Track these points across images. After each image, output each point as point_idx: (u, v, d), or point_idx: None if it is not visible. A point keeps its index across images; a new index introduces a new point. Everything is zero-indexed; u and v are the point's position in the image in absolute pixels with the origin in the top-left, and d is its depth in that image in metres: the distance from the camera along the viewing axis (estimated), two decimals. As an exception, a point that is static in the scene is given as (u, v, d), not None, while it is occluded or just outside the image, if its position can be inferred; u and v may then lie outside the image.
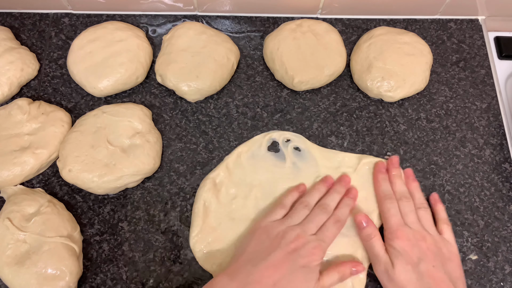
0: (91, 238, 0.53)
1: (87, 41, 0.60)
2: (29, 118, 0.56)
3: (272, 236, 0.47)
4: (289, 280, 0.44)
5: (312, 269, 0.45)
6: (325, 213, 0.50)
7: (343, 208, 0.52)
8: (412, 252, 0.47)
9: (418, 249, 0.47)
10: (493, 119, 0.62)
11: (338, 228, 0.50)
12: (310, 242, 0.46)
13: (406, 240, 0.48)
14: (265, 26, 0.67)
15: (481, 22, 0.69)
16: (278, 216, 0.50)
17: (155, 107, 0.60)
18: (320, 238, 0.47)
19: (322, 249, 0.47)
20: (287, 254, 0.45)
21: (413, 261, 0.47)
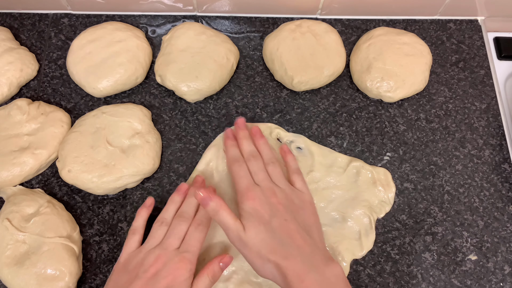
0: (90, 239, 0.53)
1: (87, 42, 0.60)
2: (29, 118, 0.56)
3: (129, 269, 0.44)
4: None
5: (178, 286, 0.42)
6: (184, 221, 0.47)
7: (202, 211, 0.49)
8: (263, 210, 0.45)
9: (269, 206, 0.46)
10: (493, 120, 0.62)
11: (202, 231, 0.47)
12: (171, 259, 0.43)
13: (257, 199, 0.46)
14: (265, 27, 0.67)
15: (480, 22, 0.69)
16: (133, 244, 0.47)
17: (154, 107, 0.60)
18: (183, 250, 0.45)
19: (188, 261, 0.44)
20: (147, 281, 0.42)
21: (265, 219, 0.45)
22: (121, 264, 0.46)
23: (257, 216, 0.45)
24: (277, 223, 0.45)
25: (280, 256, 0.42)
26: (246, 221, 0.45)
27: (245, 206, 0.46)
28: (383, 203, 0.55)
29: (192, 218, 0.48)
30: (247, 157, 0.51)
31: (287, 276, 0.41)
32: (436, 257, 0.53)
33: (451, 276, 0.52)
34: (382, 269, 0.52)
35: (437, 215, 0.55)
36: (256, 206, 0.46)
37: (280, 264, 0.42)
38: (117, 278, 0.45)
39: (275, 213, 0.45)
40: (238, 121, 0.55)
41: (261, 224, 0.45)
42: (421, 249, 0.53)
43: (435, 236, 0.54)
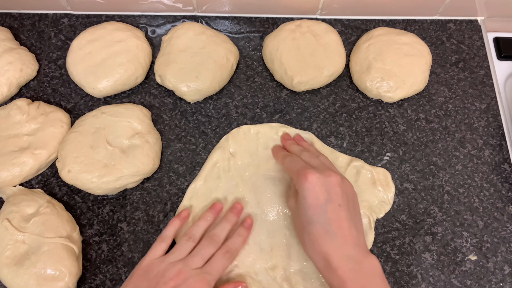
0: (90, 239, 0.53)
1: (87, 42, 0.60)
2: (28, 118, 0.56)
3: (150, 277, 0.44)
4: None
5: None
6: (213, 244, 0.47)
7: (235, 238, 0.49)
8: (320, 191, 0.45)
9: (326, 187, 0.46)
10: (492, 120, 0.62)
11: (228, 259, 0.47)
12: (192, 276, 0.43)
13: (315, 177, 0.46)
14: (265, 27, 0.67)
15: (480, 22, 0.69)
16: (158, 252, 0.47)
17: (154, 107, 0.60)
18: (205, 271, 0.45)
19: (207, 282, 0.44)
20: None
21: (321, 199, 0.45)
22: (143, 269, 0.46)
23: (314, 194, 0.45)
24: (330, 208, 0.45)
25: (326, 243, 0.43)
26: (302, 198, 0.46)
27: (303, 184, 0.46)
28: (382, 203, 0.55)
29: (221, 243, 0.48)
30: (297, 152, 0.52)
31: (331, 263, 0.42)
32: (436, 257, 0.53)
33: (451, 276, 0.52)
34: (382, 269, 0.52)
35: (437, 215, 0.55)
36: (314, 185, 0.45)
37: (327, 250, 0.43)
38: (137, 283, 0.44)
39: (331, 195, 0.45)
40: (285, 136, 0.57)
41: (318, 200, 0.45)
42: (421, 249, 0.53)
43: (435, 236, 0.54)
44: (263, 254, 0.51)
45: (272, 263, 0.51)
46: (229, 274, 0.50)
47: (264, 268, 0.51)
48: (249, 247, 0.51)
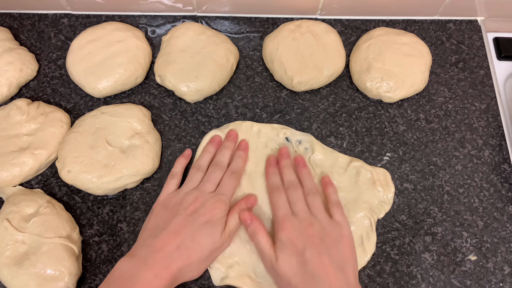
0: (90, 239, 0.53)
1: (86, 42, 0.60)
2: (28, 118, 0.56)
3: (170, 207, 0.48)
4: (192, 239, 0.45)
5: (215, 222, 0.47)
6: (219, 169, 0.52)
7: (236, 160, 0.54)
8: (297, 241, 0.46)
9: (304, 237, 0.46)
10: (492, 120, 0.62)
11: (236, 179, 0.52)
12: (208, 200, 0.48)
13: (292, 230, 0.46)
14: (264, 27, 0.67)
15: (480, 23, 0.69)
16: (171, 187, 0.52)
17: (154, 107, 0.60)
18: (219, 193, 0.49)
19: (223, 202, 0.48)
20: (187, 217, 0.46)
21: (299, 251, 0.45)
22: (160, 203, 0.50)
23: (291, 247, 0.45)
24: (309, 255, 0.44)
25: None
26: (279, 251, 0.46)
27: (280, 235, 0.47)
28: (382, 204, 0.55)
29: (226, 167, 0.53)
30: (287, 186, 0.52)
31: None
32: (435, 258, 0.53)
33: (450, 276, 0.52)
34: (382, 270, 0.52)
35: (436, 215, 0.55)
36: (291, 237, 0.46)
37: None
38: (158, 215, 0.49)
39: (309, 245, 0.45)
40: (282, 150, 0.56)
41: (293, 256, 0.45)
42: (420, 250, 0.53)
43: (434, 236, 0.54)
44: None
45: None
46: (229, 271, 0.50)
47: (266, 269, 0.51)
48: (250, 246, 0.51)
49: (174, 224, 0.46)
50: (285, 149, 0.56)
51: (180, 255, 0.44)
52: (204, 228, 0.46)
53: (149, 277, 0.42)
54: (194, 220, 0.46)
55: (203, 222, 0.46)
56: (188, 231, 0.45)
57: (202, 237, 0.46)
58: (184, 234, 0.45)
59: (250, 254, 0.51)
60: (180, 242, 0.45)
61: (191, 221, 0.46)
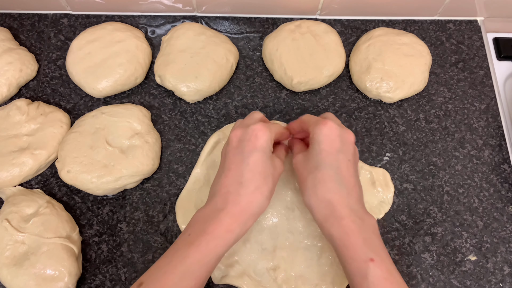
0: (90, 239, 0.53)
1: (86, 42, 0.60)
2: (28, 119, 0.56)
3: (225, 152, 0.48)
4: (247, 170, 0.44)
5: (259, 148, 0.45)
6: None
7: None
8: (334, 142, 0.46)
9: (340, 138, 0.46)
10: (492, 120, 0.62)
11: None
12: (249, 126, 0.46)
13: (331, 126, 0.46)
14: (264, 27, 0.67)
15: (480, 23, 0.69)
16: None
17: (154, 107, 0.60)
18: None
19: (262, 125, 0.46)
20: (234, 150, 0.46)
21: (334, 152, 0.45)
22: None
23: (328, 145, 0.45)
24: (342, 158, 0.45)
25: (332, 189, 0.43)
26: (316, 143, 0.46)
27: (321, 130, 0.46)
28: (382, 204, 0.55)
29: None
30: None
31: (335, 212, 0.43)
32: (435, 258, 0.53)
33: (450, 276, 0.52)
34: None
35: (436, 215, 0.55)
36: (331, 132, 0.46)
37: (332, 197, 0.43)
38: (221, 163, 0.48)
39: (344, 148, 0.46)
40: None
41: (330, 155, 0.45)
42: (420, 250, 0.53)
43: (434, 236, 0.54)
44: (265, 254, 0.51)
45: (274, 264, 0.51)
46: (229, 270, 0.50)
47: (266, 268, 0.51)
48: (251, 245, 0.52)
49: (227, 162, 0.46)
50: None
51: (240, 188, 0.44)
52: (252, 156, 0.44)
53: (222, 216, 0.42)
54: (241, 150, 0.45)
55: (250, 150, 0.45)
56: (238, 163, 0.45)
57: (251, 165, 0.44)
58: (236, 168, 0.45)
59: (250, 254, 0.51)
60: (237, 176, 0.44)
61: (239, 152, 0.45)
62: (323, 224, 0.44)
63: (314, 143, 0.46)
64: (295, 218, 0.53)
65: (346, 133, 0.47)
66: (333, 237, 0.43)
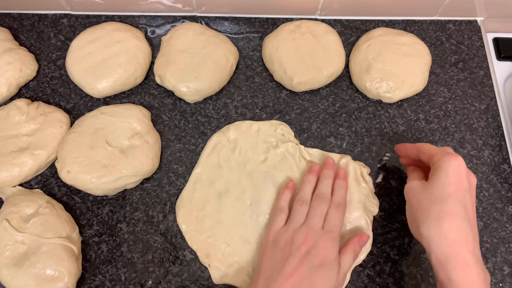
0: (89, 239, 0.53)
1: (86, 42, 0.60)
2: (28, 119, 0.56)
3: (281, 246, 0.47)
4: (310, 284, 0.43)
5: (330, 265, 0.44)
6: (324, 202, 0.50)
7: (339, 191, 0.51)
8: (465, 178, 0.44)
9: (469, 180, 0.45)
10: (492, 120, 0.62)
11: (341, 213, 0.49)
12: (319, 238, 0.46)
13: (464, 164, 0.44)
14: (264, 27, 0.67)
15: (479, 23, 0.69)
16: (280, 222, 0.50)
17: (154, 108, 0.60)
18: (328, 230, 0.47)
19: (334, 240, 0.46)
20: (301, 258, 0.44)
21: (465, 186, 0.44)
22: (272, 241, 0.48)
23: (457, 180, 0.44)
24: (469, 198, 0.44)
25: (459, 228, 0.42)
26: None
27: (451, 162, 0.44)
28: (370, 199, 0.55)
29: (330, 198, 0.51)
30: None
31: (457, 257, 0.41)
32: (435, 258, 0.53)
33: (450, 276, 0.52)
34: (382, 270, 0.52)
35: (436, 215, 0.55)
36: (461, 169, 0.44)
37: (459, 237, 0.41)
38: (271, 254, 0.47)
39: (472, 190, 0.45)
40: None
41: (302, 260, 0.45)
42: (420, 250, 0.53)
43: (434, 236, 0.54)
44: None
45: None
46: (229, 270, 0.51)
47: None
48: (250, 245, 0.52)
49: (289, 266, 0.44)
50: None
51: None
52: (320, 272, 0.44)
53: None
54: (309, 262, 0.44)
55: (318, 264, 0.44)
56: (304, 273, 0.44)
57: (318, 280, 0.43)
58: (300, 277, 0.43)
59: (250, 253, 0.51)
60: (298, 285, 0.43)
61: (306, 263, 0.44)
62: (443, 265, 0.41)
63: (441, 175, 0.44)
64: None
65: (472, 176, 0.46)
66: (451, 282, 0.40)
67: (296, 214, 0.49)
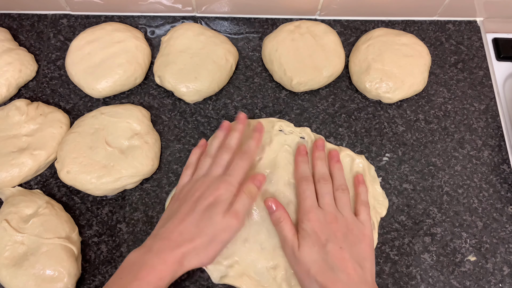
0: (89, 240, 0.53)
1: (86, 42, 0.60)
2: (27, 119, 0.56)
3: (181, 196, 0.49)
4: (195, 224, 0.45)
5: (217, 204, 0.46)
6: (227, 152, 0.51)
7: (248, 141, 0.52)
8: (321, 233, 0.47)
9: (328, 231, 0.47)
10: (492, 121, 0.62)
11: (246, 160, 0.50)
12: (213, 182, 0.48)
13: (317, 221, 0.47)
14: (264, 28, 0.67)
15: (479, 23, 0.69)
16: (185, 177, 0.52)
17: (153, 108, 0.60)
18: (226, 174, 0.48)
19: (227, 182, 0.47)
20: (192, 203, 0.47)
21: (321, 242, 0.46)
22: (175, 194, 0.51)
23: (314, 238, 0.46)
24: (331, 248, 0.46)
25: (328, 279, 0.44)
26: (302, 240, 0.47)
27: (305, 225, 0.48)
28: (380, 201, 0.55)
29: (235, 149, 0.52)
30: (318, 178, 0.52)
31: None
32: (435, 258, 0.53)
33: (450, 277, 0.52)
34: (381, 270, 0.52)
35: (436, 216, 0.55)
36: (315, 228, 0.47)
37: (326, 287, 0.43)
38: (171, 206, 0.49)
39: (332, 238, 0.46)
40: (318, 142, 0.56)
41: (315, 246, 0.46)
42: (420, 250, 0.53)
43: (434, 237, 0.54)
44: (265, 253, 0.51)
45: (274, 263, 0.51)
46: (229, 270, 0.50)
47: (266, 267, 0.51)
48: (249, 245, 0.52)
49: (179, 213, 0.46)
50: (321, 141, 0.56)
51: (183, 240, 0.44)
52: (206, 211, 0.46)
53: (154, 262, 0.43)
54: (199, 204, 0.46)
55: (206, 205, 0.46)
56: (192, 216, 0.46)
57: (203, 220, 0.45)
58: (188, 219, 0.45)
59: (249, 253, 0.51)
60: (183, 228, 0.45)
61: (196, 206, 0.46)
62: None
63: (301, 238, 0.47)
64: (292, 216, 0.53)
65: (331, 225, 0.48)
66: None
67: (199, 167, 0.51)
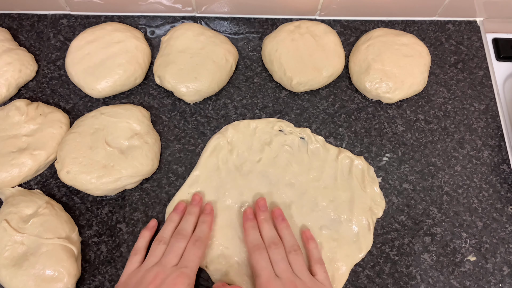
0: (89, 240, 0.53)
1: (86, 42, 0.60)
2: (27, 119, 0.56)
3: (130, 287, 0.45)
4: None
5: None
6: (182, 238, 0.48)
7: (200, 226, 0.50)
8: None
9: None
10: (491, 121, 0.62)
11: (200, 247, 0.48)
12: (169, 275, 0.44)
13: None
14: (264, 28, 0.67)
15: (479, 23, 0.69)
16: (134, 264, 0.48)
17: (153, 108, 0.60)
18: (181, 266, 0.45)
19: (186, 275, 0.44)
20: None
21: None
22: (122, 283, 0.46)
23: None
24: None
25: None
26: None
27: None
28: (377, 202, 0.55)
29: (190, 235, 0.49)
30: (268, 243, 0.49)
31: None
32: (435, 258, 0.53)
33: (450, 277, 0.52)
34: (381, 270, 0.52)
35: (436, 216, 0.55)
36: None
37: None
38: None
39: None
40: (260, 202, 0.53)
41: None
42: (420, 250, 0.54)
43: (434, 237, 0.54)
44: None
45: None
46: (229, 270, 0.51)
47: None
48: None
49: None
50: (262, 200, 0.53)
51: None
52: None
53: None
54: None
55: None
56: None
57: None
58: None
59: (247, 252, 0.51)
60: None
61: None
62: None
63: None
64: (292, 216, 0.53)
65: None
66: None
67: (151, 254, 0.48)
